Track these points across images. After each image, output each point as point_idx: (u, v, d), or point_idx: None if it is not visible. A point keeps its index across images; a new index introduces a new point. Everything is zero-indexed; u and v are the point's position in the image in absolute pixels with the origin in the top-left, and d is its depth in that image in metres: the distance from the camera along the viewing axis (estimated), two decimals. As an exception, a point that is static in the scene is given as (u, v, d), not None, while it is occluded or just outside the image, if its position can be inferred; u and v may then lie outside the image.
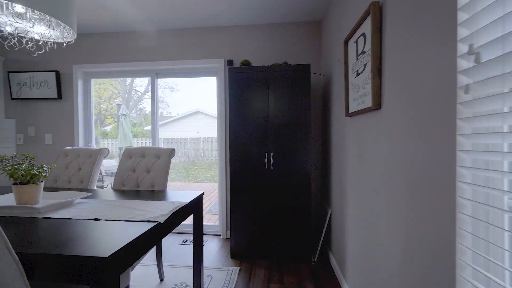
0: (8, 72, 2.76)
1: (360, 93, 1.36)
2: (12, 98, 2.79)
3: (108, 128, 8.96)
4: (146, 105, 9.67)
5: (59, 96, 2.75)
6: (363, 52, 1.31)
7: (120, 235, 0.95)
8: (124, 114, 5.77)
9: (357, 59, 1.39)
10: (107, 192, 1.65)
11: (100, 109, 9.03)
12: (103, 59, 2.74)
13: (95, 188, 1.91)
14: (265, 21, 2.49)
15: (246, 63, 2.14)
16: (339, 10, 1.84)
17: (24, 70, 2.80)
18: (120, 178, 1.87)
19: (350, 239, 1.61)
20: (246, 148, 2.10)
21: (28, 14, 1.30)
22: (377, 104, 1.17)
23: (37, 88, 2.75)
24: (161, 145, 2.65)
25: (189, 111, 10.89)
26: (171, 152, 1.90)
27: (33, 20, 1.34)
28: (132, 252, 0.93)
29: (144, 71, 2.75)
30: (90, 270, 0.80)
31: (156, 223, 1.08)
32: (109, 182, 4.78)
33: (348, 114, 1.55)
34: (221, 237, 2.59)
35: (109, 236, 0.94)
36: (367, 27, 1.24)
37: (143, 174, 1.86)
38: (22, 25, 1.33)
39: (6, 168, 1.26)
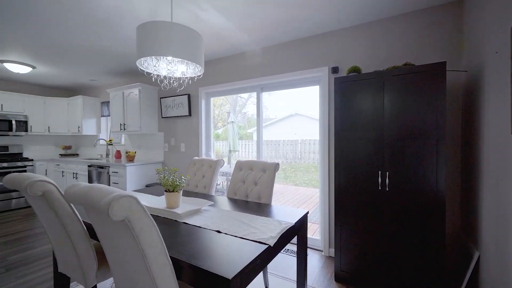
0: (160, 98, 3.74)
1: (547, 103, 0.91)
2: (162, 117, 3.76)
3: (219, 131, 10.59)
4: (249, 109, 10.67)
5: (190, 114, 3.47)
6: (555, 43, 0.87)
7: (239, 254, 1.04)
8: (232, 122, 6.63)
9: (541, 52, 0.94)
10: (224, 201, 1.90)
11: (214, 114, 10.81)
12: (219, 80, 3.21)
13: (213, 194, 2.26)
14: (377, 18, 2.16)
15: (354, 70, 1.92)
16: (498, -18, 1.32)
17: (169, 95, 3.71)
18: (233, 188, 2.12)
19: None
20: (353, 164, 1.90)
21: (174, 60, 1.68)
22: None
23: (176, 108, 3.58)
24: (263, 147, 2.84)
25: (287, 113, 11.20)
26: (276, 167, 1.97)
27: (177, 64, 1.73)
28: (249, 273, 1.00)
29: (251, 87, 3.02)
30: (216, 285, 0.92)
31: (267, 246, 1.13)
32: (221, 180, 5.63)
33: (518, 130, 1.08)
34: (322, 253, 2.47)
35: (230, 254, 1.05)
36: None
37: (251, 186, 2.03)
38: (171, 69, 1.74)
39: (160, 177, 1.68)
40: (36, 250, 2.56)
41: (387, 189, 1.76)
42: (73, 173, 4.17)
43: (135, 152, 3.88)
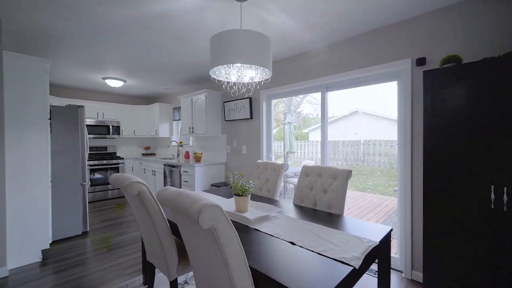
0: (223, 102, 3.94)
1: None
2: (225, 120, 3.95)
3: (274, 131, 10.58)
4: (303, 108, 10.33)
5: (251, 117, 3.53)
6: None
7: (320, 274, 0.95)
8: (289, 123, 6.53)
9: None
10: (290, 208, 1.83)
11: (271, 116, 10.89)
12: (281, 82, 3.16)
13: (277, 199, 2.21)
14: (481, -9, 1.73)
15: (453, 59, 1.57)
16: None
17: (231, 99, 3.87)
18: (299, 194, 2.03)
19: None
20: (449, 174, 1.56)
21: (243, 66, 1.70)
22: None
23: (238, 112, 3.71)
24: (327, 149, 2.65)
25: (347, 111, 10.39)
26: (348, 175, 1.80)
27: (245, 70, 1.75)
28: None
29: (315, 87, 2.87)
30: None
31: (352, 268, 1.00)
32: (279, 182, 5.60)
33: None
34: (403, 275, 2.14)
35: (310, 272, 0.97)
36: None
37: (320, 194, 1.90)
38: (240, 75, 1.77)
39: (229, 181, 1.72)
40: (128, 235, 3.02)
41: (504, 208, 1.37)
42: (152, 170, 4.79)
43: (201, 153, 4.19)
